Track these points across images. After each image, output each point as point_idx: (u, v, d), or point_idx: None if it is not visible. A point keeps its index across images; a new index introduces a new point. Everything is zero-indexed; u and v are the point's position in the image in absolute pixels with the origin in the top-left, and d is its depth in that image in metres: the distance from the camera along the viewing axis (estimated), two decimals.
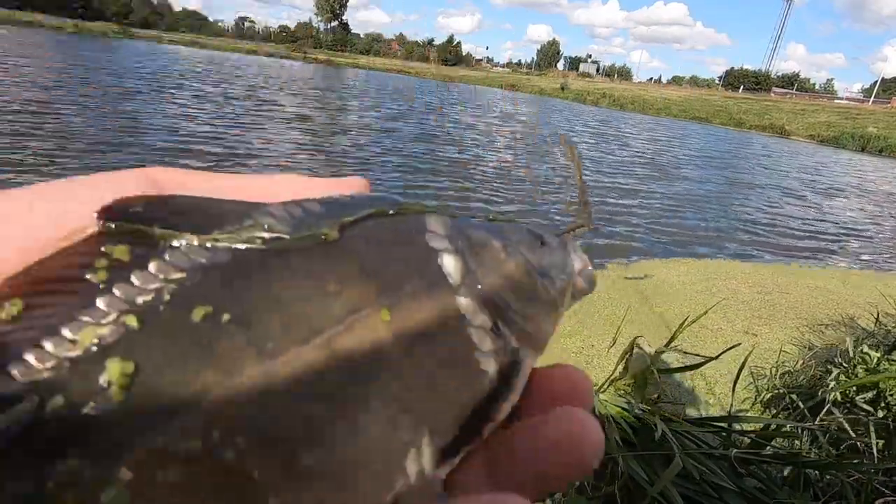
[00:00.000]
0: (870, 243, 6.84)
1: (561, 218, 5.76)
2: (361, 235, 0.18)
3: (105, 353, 0.13)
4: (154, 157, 5.74)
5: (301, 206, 0.18)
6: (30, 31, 34.54)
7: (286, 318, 0.15)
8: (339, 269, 0.17)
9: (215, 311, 0.14)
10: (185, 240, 0.15)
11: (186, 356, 0.13)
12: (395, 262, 0.18)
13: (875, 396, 1.86)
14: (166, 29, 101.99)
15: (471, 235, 0.21)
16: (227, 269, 0.15)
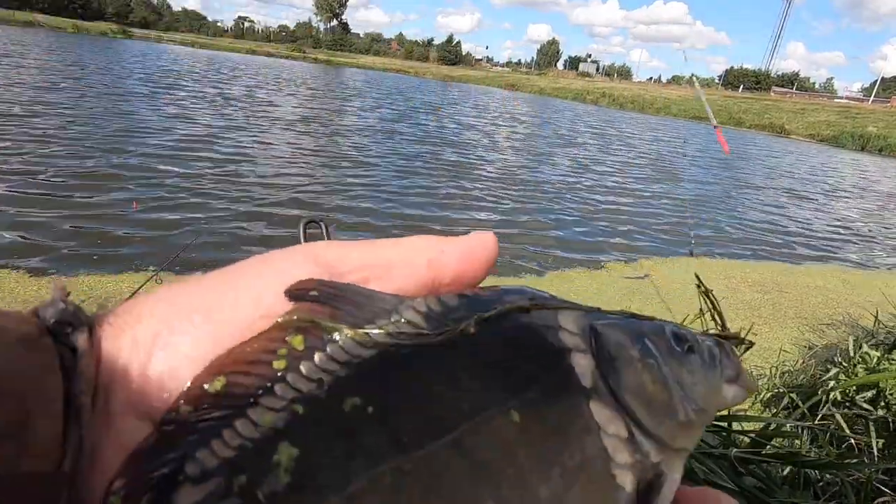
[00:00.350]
0: (870, 243, 6.84)
1: (563, 219, 5.75)
2: (496, 332, 0.19)
3: (278, 438, 0.16)
4: (153, 163, 5.73)
5: (441, 302, 0.19)
6: (29, 31, 34.46)
7: (421, 412, 0.16)
8: (472, 367, 0.18)
9: (362, 403, 0.16)
10: (345, 334, 0.18)
11: (337, 445, 0.16)
12: (527, 360, 0.18)
13: (875, 396, 1.86)
14: (165, 29, 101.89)
15: (606, 335, 0.20)
16: (373, 363, 0.17)
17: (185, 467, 0.15)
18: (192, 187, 4.85)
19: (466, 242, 0.23)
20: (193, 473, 0.15)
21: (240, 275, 0.20)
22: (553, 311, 0.20)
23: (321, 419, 0.16)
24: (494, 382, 0.17)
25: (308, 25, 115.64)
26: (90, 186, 4.46)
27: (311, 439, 0.16)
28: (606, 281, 3.91)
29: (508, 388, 0.17)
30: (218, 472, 0.15)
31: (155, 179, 4.93)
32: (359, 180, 6.08)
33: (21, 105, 7.51)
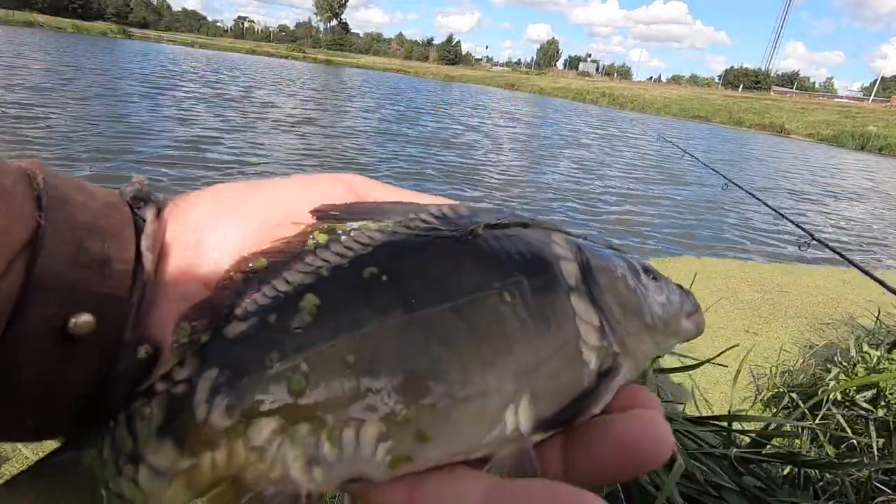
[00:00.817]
0: (871, 243, 6.84)
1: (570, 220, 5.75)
2: (500, 235, 0.22)
3: (305, 290, 0.20)
4: (152, 166, 5.74)
5: (456, 211, 0.24)
6: (26, 32, 34.48)
7: (428, 284, 0.20)
8: (476, 257, 0.21)
9: (379, 272, 0.20)
10: (367, 224, 0.22)
11: (352, 299, 0.20)
12: (523, 260, 0.22)
13: (875, 395, 1.86)
14: (165, 29, 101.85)
15: (590, 253, 0.25)
16: (392, 245, 0.21)
17: (234, 310, 0.20)
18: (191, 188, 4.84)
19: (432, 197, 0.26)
20: (240, 313, 0.20)
21: (281, 183, 0.24)
22: (548, 230, 0.25)
23: (342, 279, 0.20)
24: (494, 271, 0.21)
25: (308, 25, 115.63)
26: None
27: (332, 293, 0.20)
28: None
29: (504, 277, 0.21)
30: (257, 313, 0.20)
31: (153, 181, 4.93)
32: None
33: (19, 108, 7.51)
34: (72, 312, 0.18)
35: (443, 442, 0.19)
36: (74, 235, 0.19)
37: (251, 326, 0.19)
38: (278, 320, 0.19)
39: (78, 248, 0.19)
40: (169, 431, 0.19)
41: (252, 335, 0.19)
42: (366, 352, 0.19)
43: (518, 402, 0.19)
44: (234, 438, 0.18)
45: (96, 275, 0.19)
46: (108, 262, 0.19)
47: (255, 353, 0.19)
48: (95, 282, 0.19)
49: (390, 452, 0.18)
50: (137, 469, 0.18)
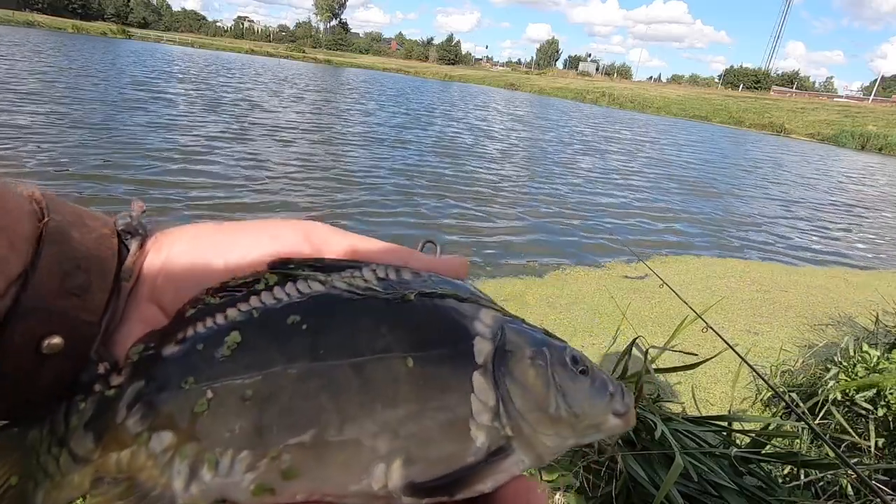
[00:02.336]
0: (872, 242, 6.84)
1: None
2: (428, 305, 0.24)
3: (233, 327, 0.23)
4: (149, 176, 5.73)
5: (398, 272, 0.25)
6: (21, 32, 34.44)
7: (341, 338, 0.22)
8: (394, 320, 0.23)
9: (301, 321, 0.23)
10: (309, 274, 0.25)
11: (269, 342, 0.22)
12: (440, 331, 0.23)
13: (875, 395, 1.86)
14: (165, 29, 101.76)
15: (511, 334, 0.25)
16: (323, 298, 0.24)
17: (175, 336, 0.23)
18: (192, 190, 4.85)
19: (435, 265, 0.27)
20: (179, 337, 0.23)
21: (245, 231, 0.27)
22: (482, 307, 0.25)
23: (268, 323, 0.23)
24: (406, 336, 0.23)
25: (308, 25, 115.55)
26: (91, 186, 4.46)
27: (254, 333, 0.23)
28: (608, 280, 3.90)
29: (415, 344, 0.22)
30: (191, 340, 0.23)
31: (153, 184, 4.92)
32: (362, 193, 6.07)
33: (15, 112, 7.50)
34: (47, 335, 0.22)
35: (309, 481, 0.21)
36: (63, 269, 0.22)
37: (182, 350, 0.23)
38: (204, 349, 0.23)
39: (65, 278, 0.22)
40: (93, 427, 0.22)
41: (180, 357, 0.23)
42: (262, 390, 0.21)
43: (391, 461, 0.21)
44: (140, 444, 0.21)
45: (77, 301, 0.23)
46: (89, 289, 0.23)
47: (176, 373, 0.22)
48: (74, 307, 0.22)
49: (256, 482, 0.21)
50: (61, 452, 0.22)
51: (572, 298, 3.44)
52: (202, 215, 4.22)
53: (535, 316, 3.09)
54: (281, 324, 0.23)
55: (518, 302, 3.30)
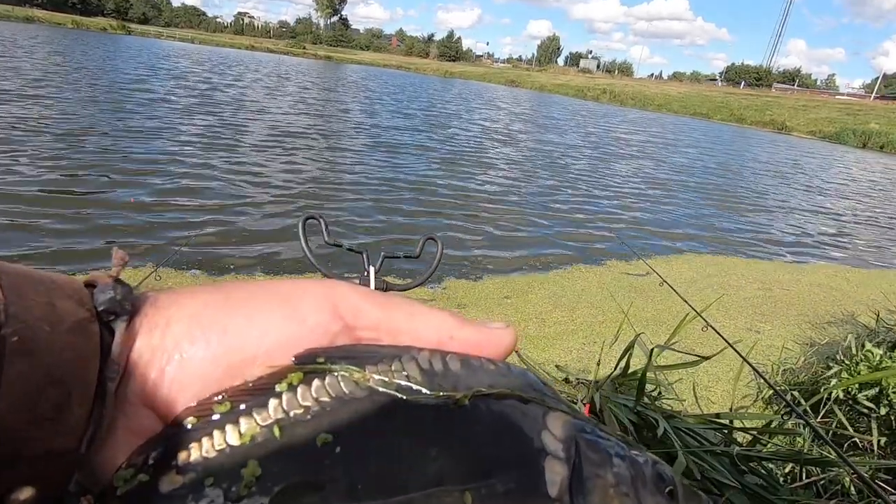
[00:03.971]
0: (872, 241, 6.83)
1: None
2: (485, 412, 0.19)
3: (250, 453, 0.18)
4: (153, 159, 5.72)
5: (445, 363, 0.20)
6: (27, 27, 34.37)
7: (383, 468, 0.18)
8: (448, 438, 0.18)
9: (334, 441, 0.18)
10: (342, 372, 0.19)
11: (296, 475, 0.17)
12: (502, 450, 0.19)
13: (877, 394, 1.86)
14: (165, 24, 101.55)
15: (588, 451, 0.20)
16: (360, 405, 0.19)
17: (177, 458, 0.18)
18: (192, 185, 4.84)
19: (480, 335, 0.23)
20: (181, 463, 0.18)
21: (259, 306, 0.21)
22: (548, 409, 0.21)
23: (292, 447, 0.18)
24: (463, 461, 0.18)
25: (308, 21, 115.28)
26: (87, 182, 4.45)
27: (277, 464, 0.18)
28: (609, 278, 3.90)
29: (474, 471, 0.18)
30: (196, 468, 0.18)
31: (154, 175, 4.92)
32: (362, 188, 6.06)
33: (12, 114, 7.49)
34: (14, 486, 0.16)
35: None
36: (33, 386, 0.16)
37: (185, 486, 0.18)
38: (213, 486, 0.17)
39: (36, 400, 0.16)
40: None
41: (183, 496, 0.17)
42: None
43: None
44: None
45: (50, 427, 0.17)
46: (67, 406, 0.17)
47: None
48: (48, 437, 0.16)
49: None
50: None
51: (575, 296, 3.44)
52: (202, 221, 4.21)
53: (540, 313, 3.09)
54: (309, 447, 0.18)
55: (522, 299, 3.29)
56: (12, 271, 0.17)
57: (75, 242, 3.28)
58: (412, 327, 0.22)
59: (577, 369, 2.48)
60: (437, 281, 3.35)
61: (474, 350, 0.22)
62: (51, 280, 0.19)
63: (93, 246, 3.28)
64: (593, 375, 1.53)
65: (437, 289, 3.30)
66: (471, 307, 3.08)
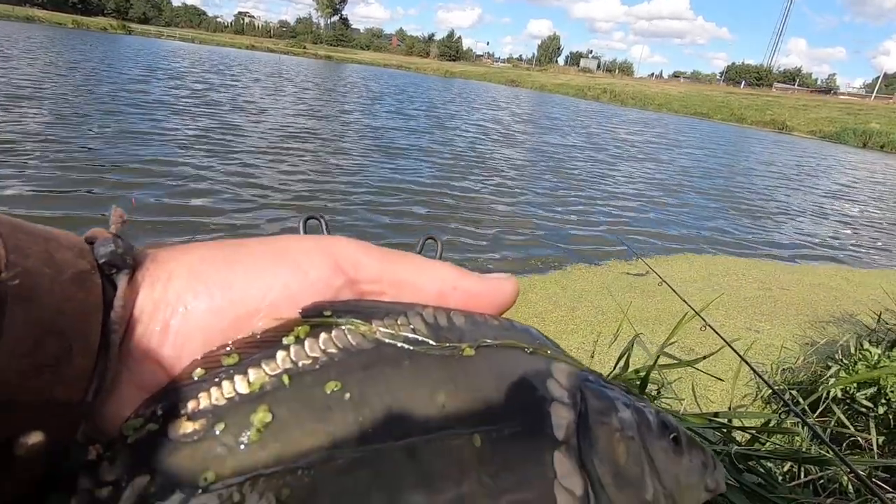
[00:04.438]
0: (872, 241, 6.83)
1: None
2: (491, 361, 0.19)
3: (260, 400, 0.18)
4: (154, 160, 5.73)
5: (450, 317, 0.21)
6: (27, 27, 34.35)
7: (392, 412, 0.18)
8: (455, 385, 0.18)
9: (343, 388, 0.18)
10: (349, 324, 0.19)
11: (306, 419, 0.18)
12: (509, 396, 0.19)
13: (875, 393, 1.86)
14: (165, 24, 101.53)
15: (593, 398, 0.21)
16: (367, 356, 0.19)
17: (186, 406, 0.18)
18: (194, 186, 4.85)
19: (482, 285, 0.23)
20: (191, 411, 0.18)
21: (261, 260, 0.21)
22: (552, 359, 0.21)
23: (302, 394, 0.18)
24: (471, 406, 0.18)
25: (308, 21, 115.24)
26: (87, 182, 4.46)
27: (287, 409, 0.18)
28: (609, 277, 3.90)
29: (481, 416, 0.18)
30: (206, 415, 0.18)
31: (155, 177, 4.93)
32: (363, 184, 6.06)
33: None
34: (20, 432, 0.16)
35: None
36: (32, 334, 0.16)
37: (196, 431, 0.17)
38: (225, 431, 0.17)
39: (34, 348, 0.16)
40: None
41: (194, 442, 0.17)
42: (301, 486, 0.17)
43: None
44: None
45: (51, 377, 0.16)
46: (68, 357, 0.17)
47: (191, 466, 0.17)
48: (47, 387, 0.16)
49: None
50: None
51: (575, 296, 3.44)
52: (202, 222, 4.21)
53: (540, 313, 3.10)
54: (319, 394, 0.18)
55: (522, 298, 3.28)
56: (7, 221, 0.17)
57: None
58: (414, 279, 0.22)
59: None
60: None
61: (477, 299, 0.22)
62: (48, 231, 0.18)
63: None
64: None
65: None
66: None
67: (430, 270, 0.22)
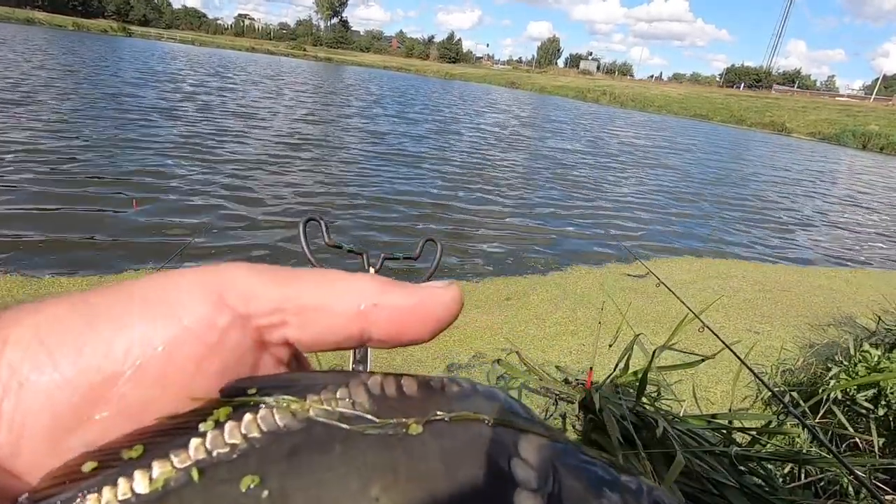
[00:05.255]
0: (873, 242, 6.83)
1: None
2: (442, 440, 0.16)
3: (162, 501, 0.15)
4: (155, 162, 5.73)
5: (399, 387, 0.18)
6: (27, 29, 34.40)
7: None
8: (394, 474, 0.16)
9: (261, 484, 0.15)
10: (277, 402, 0.17)
11: None
12: (462, 485, 0.16)
13: (876, 394, 1.86)
14: (166, 26, 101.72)
15: (568, 479, 0.17)
16: (294, 439, 0.16)
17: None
18: (196, 188, 4.86)
19: (411, 297, 0.19)
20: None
21: (122, 312, 0.17)
22: (517, 431, 0.18)
23: (212, 492, 0.15)
24: (412, 499, 0.15)
25: (308, 23, 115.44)
26: (88, 184, 4.47)
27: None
28: (609, 279, 3.90)
29: None
30: None
31: (156, 180, 4.93)
32: (365, 187, 6.07)
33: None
34: None
35: None
36: None
37: None
38: None
39: None
40: None
41: None
42: None
43: None
44: None
45: None
46: None
47: None
48: None
49: None
50: None
51: (576, 297, 3.45)
52: (200, 223, 4.21)
53: (540, 315, 3.10)
54: (232, 492, 0.15)
55: (522, 300, 3.30)
56: None
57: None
58: (323, 301, 0.18)
59: (577, 370, 2.49)
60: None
61: (407, 316, 0.19)
62: None
63: (91, 253, 3.29)
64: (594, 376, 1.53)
65: None
66: (471, 308, 3.08)
67: (343, 287, 0.19)
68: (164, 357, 0.16)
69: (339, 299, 0.18)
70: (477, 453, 0.16)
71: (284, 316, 0.18)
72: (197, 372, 0.17)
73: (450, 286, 0.20)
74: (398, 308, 0.19)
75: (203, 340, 0.17)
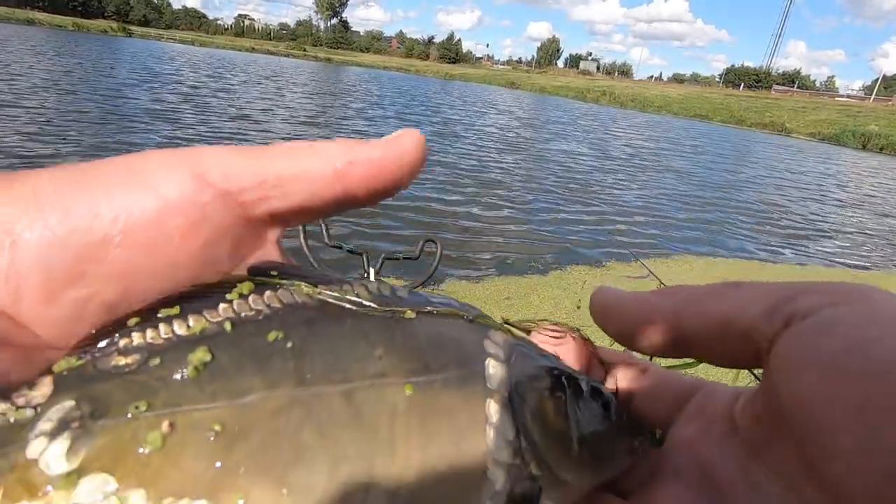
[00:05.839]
0: (873, 243, 6.83)
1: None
2: (430, 323, 0.20)
3: (200, 342, 0.18)
4: None
5: (394, 290, 0.22)
6: (27, 29, 34.44)
7: (330, 361, 0.18)
8: (392, 341, 0.19)
9: (285, 338, 0.18)
10: (295, 285, 0.20)
11: (246, 362, 0.18)
12: (444, 352, 0.20)
13: None
14: (166, 27, 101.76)
15: (527, 358, 0.21)
16: (311, 311, 0.19)
17: (118, 344, 0.17)
18: None
19: (380, 148, 0.20)
20: (123, 346, 0.17)
21: (111, 182, 0.18)
22: (490, 327, 0.22)
23: (241, 339, 0.18)
24: (407, 359, 0.19)
25: (308, 23, 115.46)
26: None
27: (226, 352, 0.18)
28: (608, 280, 3.90)
29: (416, 368, 0.19)
30: (141, 350, 0.17)
31: None
32: None
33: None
34: None
35: None
36: None
37: (129, 363, 0.17)
38: (160, 365, 0.17)
39: None
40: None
41: (127, 373, 0.17)
42: (235, 423, 0.16)
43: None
44: (62, 489, 0.15)
45: None
46: None
47: (122, 394, 0.16)
48: None
49: None
50: None
51: (576, 297, 3.45)
52: None
53: (540, 315, 3.10)
54: (260, 341, 0.18)
55: (523, 300, 3.30)
56: None
57: None
58: (300, 168, 0.19)
59: None
60: (436, 283, 3.36)
61: (380, 164, 0.20)
62: None
63: None
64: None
65: (437, 290, 3.31)
66: None
67: (316, 154, 0.20)
68: (151, 226, 0.17)
69: (313, 164, 0.19)
70: (458, 334, 0.21)
71: (266, 189, 0.19)
72: (182, 244, 0.18)
73: (411, 130, 0.21)
74: (371, 160, 0.20)
75: (187, 215, 0.18)
